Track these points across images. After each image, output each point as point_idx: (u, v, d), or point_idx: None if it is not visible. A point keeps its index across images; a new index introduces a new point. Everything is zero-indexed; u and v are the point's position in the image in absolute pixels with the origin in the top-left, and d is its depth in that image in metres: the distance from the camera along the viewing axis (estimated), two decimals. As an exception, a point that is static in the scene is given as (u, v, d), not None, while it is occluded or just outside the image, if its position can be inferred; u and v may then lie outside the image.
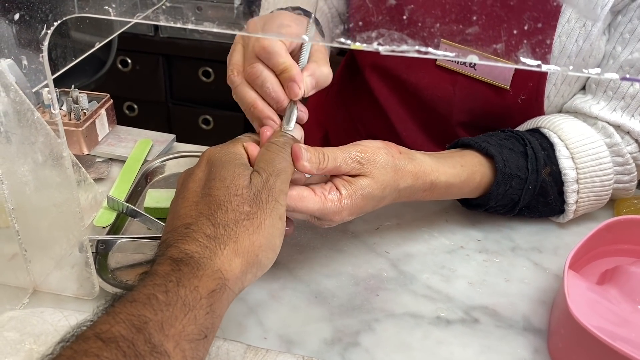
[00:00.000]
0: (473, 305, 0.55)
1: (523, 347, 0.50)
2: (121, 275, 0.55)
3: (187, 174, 0.48)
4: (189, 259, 0.40)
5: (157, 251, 0.43)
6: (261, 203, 0.44)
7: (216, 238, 0.42)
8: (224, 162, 0.46)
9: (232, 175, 0.45)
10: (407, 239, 0.62)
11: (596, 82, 0.64)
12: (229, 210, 0.43)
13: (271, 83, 0.50)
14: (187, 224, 0.43)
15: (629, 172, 0.62)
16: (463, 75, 0.70)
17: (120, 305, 0.36)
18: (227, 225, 0.43)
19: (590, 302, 0.49)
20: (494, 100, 0.69)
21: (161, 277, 0.38)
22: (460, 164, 0.58)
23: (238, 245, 0.42)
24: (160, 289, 0.37)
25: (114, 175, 0.70)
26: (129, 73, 1.96)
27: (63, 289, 0.53)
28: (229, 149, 0.48)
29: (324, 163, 0.49)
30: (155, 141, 0.74)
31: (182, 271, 0.39)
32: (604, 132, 0.62)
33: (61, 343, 0.33)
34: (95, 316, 0.36)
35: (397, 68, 0.75)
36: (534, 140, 0.61)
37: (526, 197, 0.60)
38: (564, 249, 0.62)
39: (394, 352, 0.49)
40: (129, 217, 0.62)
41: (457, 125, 0.75)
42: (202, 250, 0.41)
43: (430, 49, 0.33)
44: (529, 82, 0.66)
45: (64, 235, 0.54)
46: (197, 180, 0.46)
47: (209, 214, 0.43)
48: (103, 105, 0.73)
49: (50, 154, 0.50)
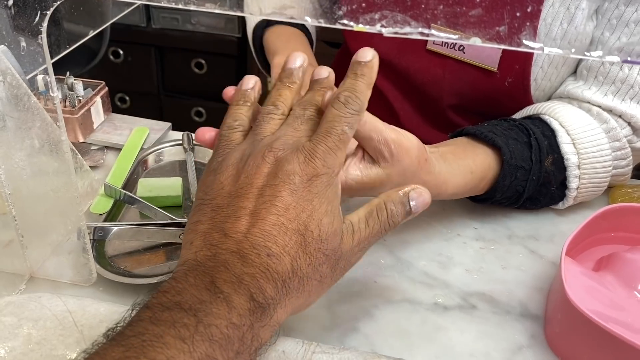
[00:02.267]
0: (470, 292, 0.55)
1: (520, 332, 0.51)
2: (119, 262, 0.55)
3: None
4: (266, 306, 0.37)
5: (220, 248, 0.38)
6: (335, 272, 0.42)
7: (289, 287, 0.39)
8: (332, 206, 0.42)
9: (336, 228, 0.41)
10: (404, 227, 0.62)
11: (587, 68, 0.65)
12: (311, 263, 0.40)
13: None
14: (272, 253, 0.38)
15: (625, 156, 0.63)
16: (452, 59, 0.71)
17: (194, 330, 0.33)
18: (303, 277, 0.39)
19: (587, 287, 0.50)
20: (482, 83, 0.71)
21: (238, 315, 0.35)
22: (471, 170, 0.57)
23: (298, 301, 0.40)
24: (237, 333, 0.34)
25: (109, 163, 0.69)
26: (121, 64, 1.94)
27: (60, 276, 0.53)
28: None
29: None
30: (151, 129, 0.73)
31: (256, 315, 0.36)
32: (599, 118, 0.63)
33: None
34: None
35: (388, 53, 0.76)
36: (537, 130, 0.61)
37: (530, 187, 0.60)
38: (559, 237, 0.62)
39: (392, 337, 0.50)
40: (125, 205, 0.61)
41: (447, 108, 0.76)
42: (276, 295, 0.38)
43: (433, 31, 0.33)
44: (515, 65, 0.68)
45: (62, 222, 0.54)
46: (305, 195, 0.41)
47: (296, 256, 0.39)
48: (98, 92, 0.73)
49: (47, 140, 0.49)
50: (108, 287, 0.52)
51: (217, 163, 0.44)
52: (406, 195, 0.44)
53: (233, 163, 0.43)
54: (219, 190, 0.42)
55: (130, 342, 0.31)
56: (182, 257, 0.40)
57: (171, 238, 0.56)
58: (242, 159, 0.43)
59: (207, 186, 0.43)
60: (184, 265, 0.38)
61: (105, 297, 0.52)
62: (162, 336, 0.31)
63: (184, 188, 0.63)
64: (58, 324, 0.42)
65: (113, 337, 0.32)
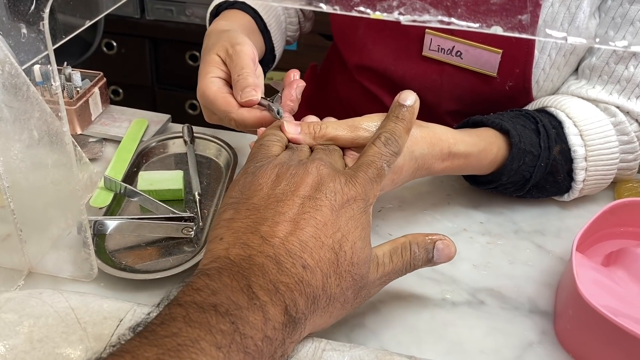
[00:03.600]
0: (478, 288, 0.54)
1: (530, 329, 0.50)
2: (120, 257, 0.53)
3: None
4: (298, 320, 0.36)
5: (256, 250, 0.37)
6: (356, 299, 0.42)
7: (317, 305, 0.38)
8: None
9: (367, 255, 0.42)
10: (410, 222, 0.62)
11: (590, 67, 0.64)
12: (339, 284, 0.39)
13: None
14: (307, 265, 0.38)
15: (633, 150, 0.62)
16: (450, 65, 0.70)
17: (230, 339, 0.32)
18: (330, 297, 0.39)
19: (598, 283, 0.49)
20: (482, 88, 0.69)
21: (272, 328, 0.34)
22: (477, 135, 0.57)
23: (320, 320, 0.39)
24: (269, 349, 0.34)
25: (108, 156, 0.68)
26: (114, 56, 1.92)
27: (60, 271, 0.51)
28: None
29: (320, 131, 0.49)
30: (150, 121, 0.72)
31: (288, 330, 0.35)
32: (607, 112, 0.62)
33: None
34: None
35: (384, 60, 0.74)
36: (543, 118, 0.60)
37: (538, 174, 0.59)
38: (566, 232, 0.62)
39: (400, 333, 0.49)
40: (126, 198, 0.60)
41: (446, 114, 0.74)
42: (306, 310, 0.37)
43: (453, 19, 0.32)
44: (516, 69, 0.66)
45: (62, 215, 0.52)
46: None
47: (328, 273, 0.39)
48: (96, 83, 0.71)
49: (47, 131, 0.48)
50: (109, 282, 0.51)
51: (256, 167, 0.44)
52: (432, 242, 0.45)
53: (273, 168, 0.43)
54: (257, 190, 0.42)
55: (164, 343, 0.30)
56: (210, 251, 0.39)
57: (173, 232, 0.55)
58: (283, 165, 0.44)
59: (242, 186, 0.43)
60: (215, 261, 0.37)
61: (107, 293, 0.50)
62: (197, 341, 0.30)
63: (185, 181, 0.62)
64: (60, 321, 0.41)
65: (144, 334, 0.31)
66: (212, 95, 0.56)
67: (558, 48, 0.64)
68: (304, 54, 1.83)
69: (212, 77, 0.58)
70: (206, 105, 0.58)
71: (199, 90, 0.58)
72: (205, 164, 0.66)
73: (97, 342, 0.40)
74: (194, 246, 0.55)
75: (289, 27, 0.84)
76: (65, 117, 0.42)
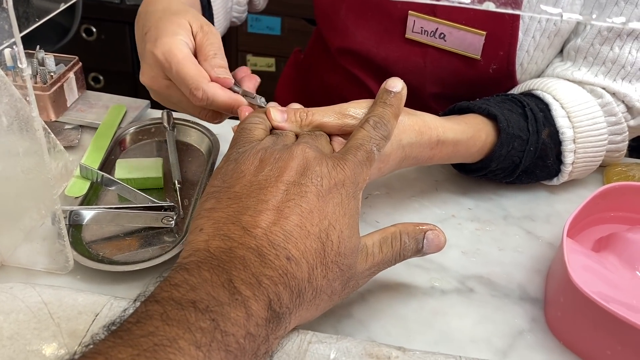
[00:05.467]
0: (467, 275, 0.53)
1: (520, 316, 0.49)
2: (97, 248, 0.51)
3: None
4: (282, 315, 0.34)
5: (237, 242, 0.35)
6: (344, 290, 0.40)
7: (303, 298, 0.36)
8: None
9: (355, 244, 0.40)
10: (397, 208, 0.60)
11: (575, 49, 0.63)
12: (326, 275, 0.37)
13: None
14: (292, 257, 0.36)
15: (621, 131, 0.61)
16: (433, 47, 0.68)
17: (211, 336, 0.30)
18: (317, 289, 0.37)
19: (589, 269, 0.48)
20: (466, 71, 0.68)
21: (255, 325, 0.32)
22: (465, 122, 0.55)
23: (307, 314, 0.38)
24: (252, 346, 0.32)
25: (85, 144, 0.65)
26: (94, 42, 1.87)
27: (33, 264, 0.49)
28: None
29: (307, 119, 0.47)
30: (128, 107, 0.69)
31: (272, 326, 0.33)
32: (594, 93, 0.61)
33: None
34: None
35: (366, 43, 0.72)
36: (530, 102, 0.59)
37: (527, 159, 0.58)
38: (555, 217, 0.61)
39: (389, 323, 0.47)
40: (103, 187, 0.58)
41: (429, 97, 0.73)
42: (290, 304, 0.35)
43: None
44: (500, 51, 0.65)
45: (34, 206, 0.50)
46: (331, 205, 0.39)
47: (314, 264, 0.37)
48: (72, 68, 0.68)
49: (16, 117, 0.45)
50: (86, 275, 0.49)
51: (238, 154, 0.42)
52: (422, 232, 0.44)
53: (256, 153, 0.41)
54: (240, 178, 0.40)
55: (139, 343, 0.28)
56: (190, 243, 0.37)
57: (152, 222, 0.53)
58: (267, 150, 0.42)
59: (224, 174, 0.41)
60: (194, 254, 0.35)
61: (83, 286, 0.48)
62: (176, 340, 0.28)
63: (165, 169, 0.60)
64: (32, 317, 0.39)
65: (119, 333, 0.29)
66: (182, 57, 0.50)
67: (542, 30, 0.63)
68: (287, 39, 1.80)
69: (182, 40, 0.51)
70: (168, 67, 0.50)
71: (161, 47, 0.50)
72: (186, 151, 0.64)
73: (72, 338, 0.38)
74: (174, 236, 0.53)
75: (235, 7, 0.80)
76: (34, 101, 0.40)
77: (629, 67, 0.60)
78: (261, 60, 1.86)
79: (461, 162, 0.58)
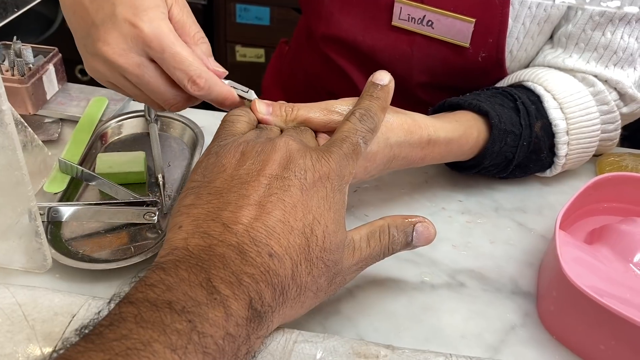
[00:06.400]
0: (458, 269, 0.52)
1: (512, 311, 0.48)
2: (77, 246, 0.50)
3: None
4: (264, 314, 0.33)
5: (216, 239, 0.34)
6: (330, 286, 0.39)
7: (286, 296, 0.35)
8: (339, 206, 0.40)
9: (341, 239, 0.39)
10: (387, 202, 0.59)
11: (566, 35, 0.62)
12: (311, 272, 0.36)
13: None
14: (274, 253, 0.35)
15: (613, 120, 0.60)
16: (421, 35, 0.66)
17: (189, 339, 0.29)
18: (301, 286, 0.36)
19: (582, 262, 0.47)
20: (454, 59, 0.66)
21: (235, 325, 0.31)
22: (455, 119, 0.54)
23: (291, 312, 0.36)
24: (232, 347, 0.30)
25: (65, 138, 0.63)
26: (80, 34, 1.84)
27: (10, 262, 0.48)
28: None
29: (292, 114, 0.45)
30: (110, 99, 0.67)
31: (253, 325, 0.32)
32: (585, 82, 0.60)
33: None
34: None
35: (352, 31, 0.70)
36: (522, 95, 0.58)
37: (520, 154, 0.57)
38: (548, 209, 0.60)
39: (378, 320, 0.46)
40: (83, 183, 0.56)
41: (417, 86, 0.71)
42: (273, 303, 0.34)
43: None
44: (489, 39, 0.63)
45: (9, 203, 0.48)
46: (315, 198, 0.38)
47: (298, 261, 0.35)
48: (51, 59, 0.66)
49: (-13, 110, 0.43)
50: (65, 273, 0.47)
51: (219, 147, 0.41)
52: (411, 225, 0.43)
53: (238, 146, 0.40)
54: (220, 172, 0.38)
55: (112, 347, 0.26)
56: (168, 241, 0.36)
57: (134, 218, 0.51)
58: (249, 143, 0.40)
59: (205, 168, 0.40)
60: (172, 253, 0.34)
61: (62, 285, 0.47)
62: (150, 343, 0.27)
63: (147, 163, 0.58)
64: (5, 319, 0.37)
65: (90, 337, 0.28)
66: (175, 39, 0.45)
67: (532, 16, 0.62)
68: (276, 29, 1.78)
69: (164, 13, 0.46)
70: (159, 48, 0.44)
71: (149, 22, 0.44)
72: (169, 145, 0.62)
73: (47, 341, 0.36)
74: (157, 232, 0.51)
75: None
76: (4, 94, 0.38)
77: (621, 53, 0.59)
78: (250, 51, 1.84)
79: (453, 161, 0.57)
